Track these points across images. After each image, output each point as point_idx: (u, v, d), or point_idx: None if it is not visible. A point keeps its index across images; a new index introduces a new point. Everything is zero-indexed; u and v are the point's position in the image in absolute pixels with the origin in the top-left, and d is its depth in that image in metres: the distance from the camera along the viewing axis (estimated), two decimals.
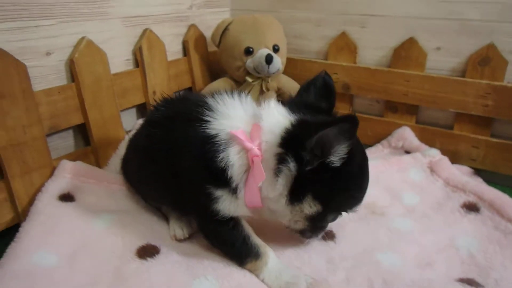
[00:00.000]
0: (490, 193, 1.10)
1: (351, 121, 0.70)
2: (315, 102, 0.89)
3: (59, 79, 1.26)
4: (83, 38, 1.28)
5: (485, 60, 1.38)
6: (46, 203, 1.09)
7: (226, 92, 0.90)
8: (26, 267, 0.87)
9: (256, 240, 0.91)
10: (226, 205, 0.85)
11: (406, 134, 1.55)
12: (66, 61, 1.27)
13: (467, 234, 1.00)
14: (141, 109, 1.60)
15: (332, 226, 1.03)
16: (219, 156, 0.81)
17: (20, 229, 1.01)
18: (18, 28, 1.13)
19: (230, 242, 0.90)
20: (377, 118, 1.67)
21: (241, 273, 0.89)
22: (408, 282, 0.84)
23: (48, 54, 1.22)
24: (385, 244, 0.98)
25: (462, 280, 0.84)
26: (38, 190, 1.14)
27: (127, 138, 1.43)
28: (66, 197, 1.12)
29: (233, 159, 0.81)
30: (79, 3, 1.27)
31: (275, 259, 0.90)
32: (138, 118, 1.60)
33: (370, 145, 1.63)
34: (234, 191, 0.83)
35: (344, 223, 1.06)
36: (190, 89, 1.78)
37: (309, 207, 0.83)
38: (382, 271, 0.88)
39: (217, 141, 0.81)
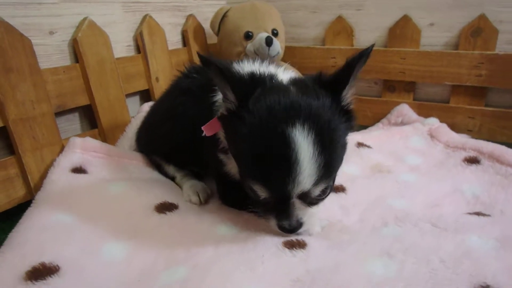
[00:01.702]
0: (488, 146, 1.24)
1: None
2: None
3: (63, 59, 1.37)
4: (85, 18, 1.39)
5: (477, 31, 1.55)
6: (60, 175, 1.17)
7: (250, 60, 0.95)
8: (48, 222, 0.95)
9: None
10: None
11: (405, 111, 1.69)
12: (69, 41, 1.37)
13: (470, 181, 1.12)
14: (145, 95, 1.70)
15: (341, 181, 1.14)
16: None
17: (36, 196, 1.09)
18: (21, 3, 1.23)
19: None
20: (376, 99, 1.82)
21: (254, 222, 0.97)
22: (420, 216, 0.94)
23: (51, 33, 1.32)
24: (394, 193, 1.09)
25: (470, 214, 0.96)
26: (50, 165, 1.22)
27: (133, 121, 1.53)
28: (79, 170, 1.20)
29: None
30: None
31: None
32: (141, 104, 1.70)
33: (371, 125, 1.77)
34: None
35: (352, 179, 1.16)
36: None
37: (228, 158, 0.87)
38: (394, 211, 0.99)
39: None
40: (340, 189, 1.11)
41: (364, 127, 1.75)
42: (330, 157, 0.74)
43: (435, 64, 1.63)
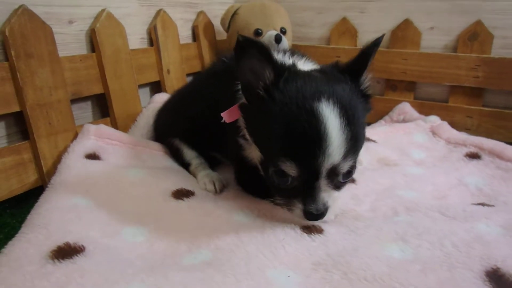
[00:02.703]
0: (489, 143, 1.26)
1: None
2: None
3: (80, 48, 1.35)
4: (103, 10, 1.38)
5: (474, 35, 1.59)
6: (75, 160, 1.15)
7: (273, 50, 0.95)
8: (68, 205, 0.93)
9: None
10: None
11: (406, 109, 1.71)
12: (87, 31, 1.36)
13: (473, 174, 1.14)
14: (155, 87, 1.69)
15: None
16: None
17: (51, 181, 1.06)
18: None
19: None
20: (378, 97, 1.84)
21: (270, 207, 0.97)
22: (428, 206, 0.96)
23: (70, 22, 1.31)
24: (403, 185, 1.10)
25: (475, 204, 0.97)
26: (63, 151, 1.20)
27: (144, 111, 1.52)
28: (93, 156, 1.18)
29: None
30: None
31: None
32: (152, 95, 1.69)
33: (373, 122, 1.79)
34: None
35: (361, 171, 1.17)
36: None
37: (248, 144, 0.87)
38: (404, 201, 1.00)
39: None
40: (351, 180, 1.11)
41: (367, 124, 1.76)
42: (355, 131, 0.75)
43: (435, 65, 1.66)
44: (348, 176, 0.82)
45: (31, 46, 1.14)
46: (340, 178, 0.80)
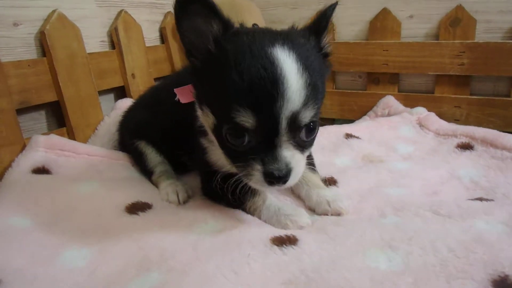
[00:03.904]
0: (480, 132, 1.14)
1: None
2: None
3: (29, 53, 1.21)
4: (54, 11, 1.25)
5: (456, 21, 1.48)
6: (19, 175, 1.00)
7: None
8: (1, 227, 0.78)
9: None
10: None
11: (391, 102, 1.59)
12: (35, 34, 1.22)
13: (467, 166, 1.01)
14: (120, 93, 1.55)
15: (331, 173, 1.02)
16: None
17: None
18: None
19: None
20: (361, 92, 1.72)
21: (240, 216, 0.84)
22: (419, 204, 0.82)
23: (15, 25, 1.17)
24: (389, 182, 0.97)
25: (471, 200, 0.84)
26: (8, 167, 1.05)
27: (106, 120, 1.38)
28: (41, 170, 1.03)
29: None
30: None
31: (273, 198, 0.87)
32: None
33: (358, 119, 1.66)
34: None
35: (343, 171, 1.04)
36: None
37: (201, 110, 0.78)
38: (391, 200, 0.86)
39: None
40: (331, 181, 0.98)
41: (351, 121, 1.64)
42: (314, 79, 0.69)
43: (418, 54, 1.55)
44: (311, 133, 0.73)
45: None
46: (302, 134, 0.71)
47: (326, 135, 1.29)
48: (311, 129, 0.72)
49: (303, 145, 0.72)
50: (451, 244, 0.64)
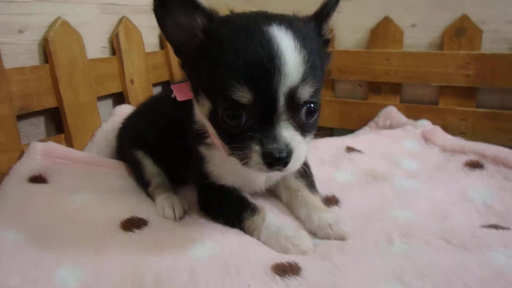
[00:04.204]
0: (491, 149, 1.08)
1: None
2: None
3: (32, 59, 1.18)
4: (58, 18, 1.21)
5: (461, 31, 1.43)
6: (15, 185, 0.95)
7: None
8: None
9: (251, 199, 0.87)
10: None
11: (393, 113, 1.54)
12: (39, 41, 1.19)
13: (478, 187, 0.96)
14: (118, 98, 1.50)
15: (333, 190, 0.97)
16: None
17: None
18: None
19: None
20: (361, 101, 1.67)
21: (238, 237, 0.80)
22: (429, 231, 0.77)
23: (20, 31, 1.14)
24: (395, 203, 0.92)
25: (485, 226, 0.79)
26: (5, 174, 1.01)
27: (104, 126, 1.33)
28: (38, 179, 0.99)
29: None
30: None
31: (273, 217, 0.83)
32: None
33: (357, 129, 1.61)
34: None
35: (346, 189, 0.99)
36: (168, 82, 1.71)
37: (197, 101, 0.75)
38: (398, 224, 0.81)
39: None
40: (333, 201, 0.93)
41: (350, 130, 1.59)
42: (312, 57, 0.67)
43: (421, 64, 1.50)
44: (311, 115, 0.69)
45: None
46: (302, 114, 0.68)
47: (325, 147, 1.23)
48: (312, 111, 0.69)
49: (304, 128, 0.69)
50: (468, 280, 0.59)
